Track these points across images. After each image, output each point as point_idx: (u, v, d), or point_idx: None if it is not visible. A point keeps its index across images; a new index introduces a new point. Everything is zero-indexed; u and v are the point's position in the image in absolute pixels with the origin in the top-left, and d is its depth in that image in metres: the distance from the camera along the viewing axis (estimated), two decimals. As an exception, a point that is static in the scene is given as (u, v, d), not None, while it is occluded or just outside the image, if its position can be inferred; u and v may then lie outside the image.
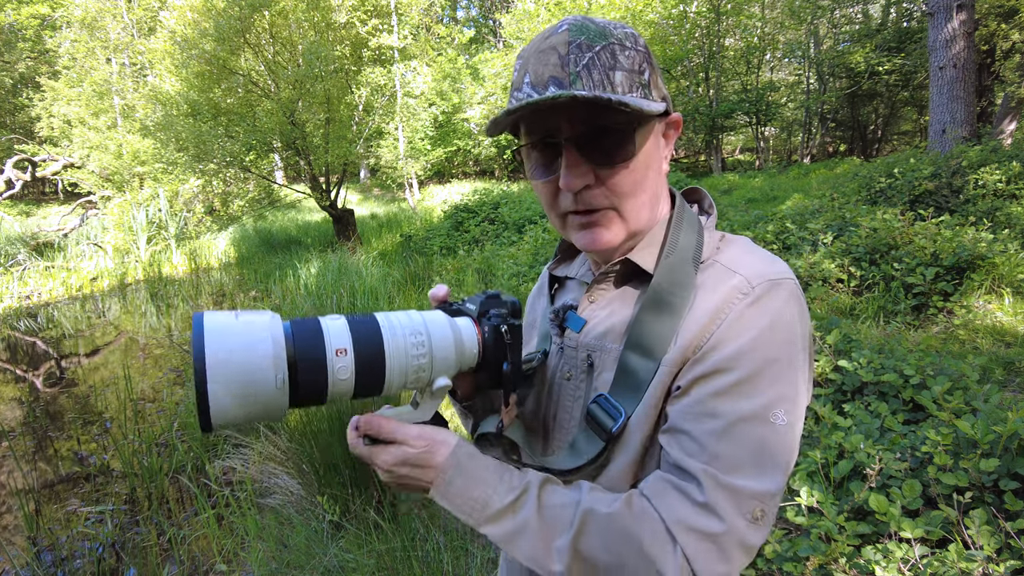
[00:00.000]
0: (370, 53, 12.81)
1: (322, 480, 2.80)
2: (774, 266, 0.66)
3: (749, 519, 0.58)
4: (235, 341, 0.54)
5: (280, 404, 0.56)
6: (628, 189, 0.67)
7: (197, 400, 0.53)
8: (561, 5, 15.36)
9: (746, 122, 18.31)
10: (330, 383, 0.58)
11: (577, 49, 0.64)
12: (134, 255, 11.94)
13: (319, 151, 10.19)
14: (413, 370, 0.63)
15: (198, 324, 0.54)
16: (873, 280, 4.33)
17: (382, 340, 0.61)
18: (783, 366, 0.61)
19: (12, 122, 21.34)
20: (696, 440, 0.60)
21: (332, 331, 0.60)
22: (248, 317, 0.57)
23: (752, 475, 0.58)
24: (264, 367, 0.54)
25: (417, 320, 0.65)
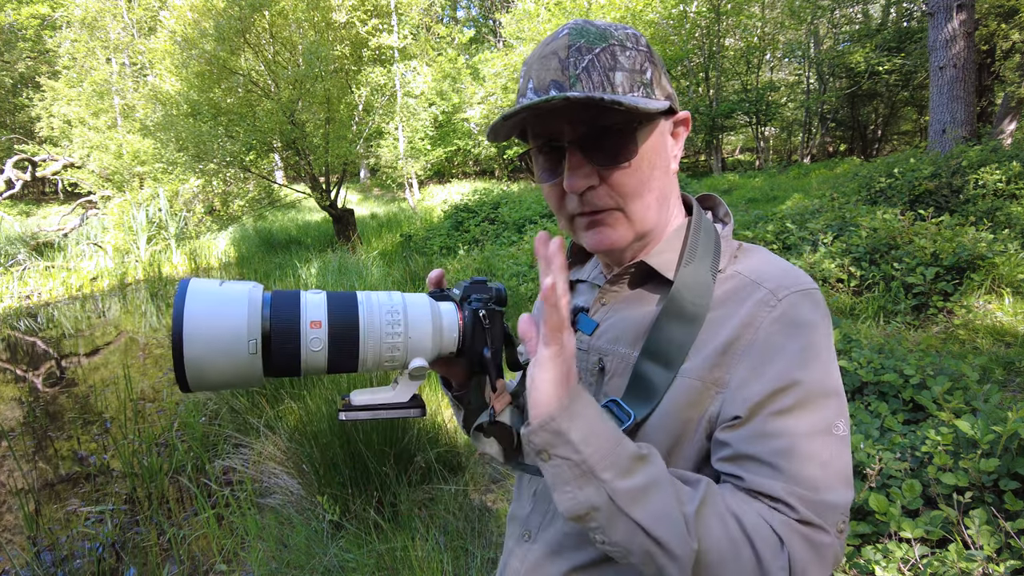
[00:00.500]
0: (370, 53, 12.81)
1: (322, 480, 2.80)
2: (797, 275, 0.66)
3: (836, 532, 0.59)
4: (213, 304, 0.56)
5: (254, 371, 0.57)
6: (632, 189, 0.67)
7: (173, 359, 0.54)
8: (561, 5, 15.36)
9: (746, 122, 18.31)
10: (303, 354, 0.59)
11: (577, 52, 0.65)
12: (134, 255, 11.94)
13: (319, 151, 10.20)
14: (387, 348, 0.63)
15: (182, 287, 0.56)
16: (873, 280, 4.33)
17: (358, 316, 0.62)
18: (832, 375, 0.62)
19: (12, 122, 21.34)
20: (767, 463, 0.58)
21: (310, 304, 0.61)
22: (231, 285, 0.59)
23: (831, 490, 0.59)
24: (237, 331, 0.56)
25: (397, 300, 0.66)
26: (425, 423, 3.20)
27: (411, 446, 2.99)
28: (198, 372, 0.55)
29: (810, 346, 0.61)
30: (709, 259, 0.68)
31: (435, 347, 0.67)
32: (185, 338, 0.54)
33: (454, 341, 0.69)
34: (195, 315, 0.55)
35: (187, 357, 0.54)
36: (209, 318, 0.55)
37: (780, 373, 0.60)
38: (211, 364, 0.55)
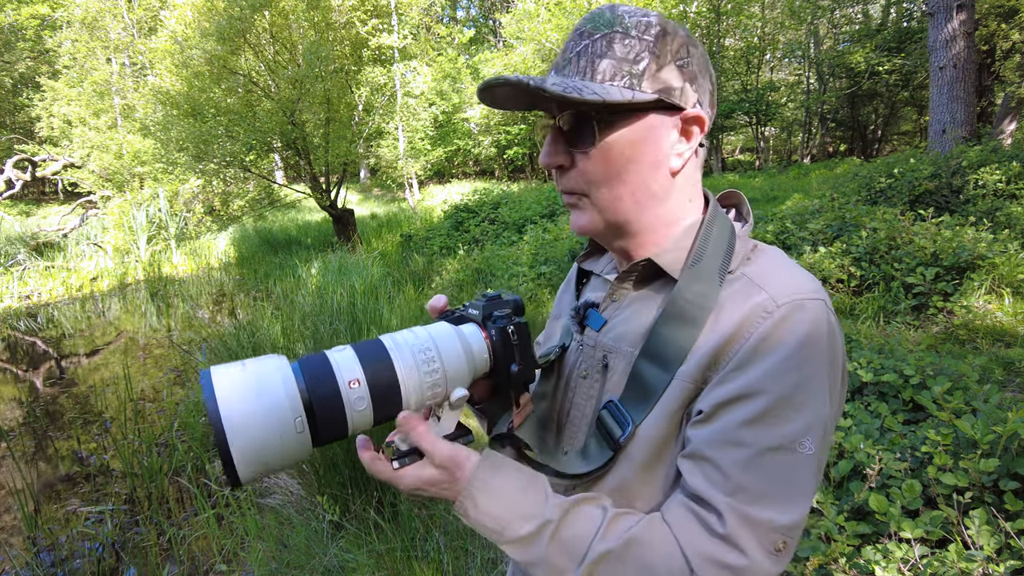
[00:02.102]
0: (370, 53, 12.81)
1: (322, 480, 2.80)
2: (804, 283, 0.63)
3: (771, 551, 0.57)
4: (247, 395, 0.54)
5: (303, 446, 0.56)
6: (596, 177, 0.67)
7: (222, 461, 0.53)
8: (561, 5, 15.35)
9: (746, 122, 18.31)
10: (349, 416, 0.58)
11: (578, 37, 0.67)
12: (134, 255, 11.94)
13: (319, 151, 10.20)
14: (428, 386, 0.63)
15: (207, 383, 0.54)
16: (873, 280, 4.33)
17: (392, 363, 0.61)
18: (810, 392, 0.59)
19: (12, 122, 21.34)
20: (720, 469, 0.59)
21: (342, 364, 0.59)
22: (255, 367, 0.57)
23: (776, 507, 0.57)
24: (281, 415, 0.54)
25: (423, 336, 0.64)
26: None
27: (411, 446, 2.99)
28: (248, 466, 0.54)
29: (794, 357, 0.59)
30: (719, 259, 0.67)
31: (471, 372, 0.67)
32: (229, 439, 0.52)
33: (485, 363, 0.69)
34: (232, 412, 0.53)
35: (236, 456, 0.53)
36: (248, 411, 0.53)
37: (752, 379, 0.59)
38: (261, 454, 0.54)
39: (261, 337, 4.21)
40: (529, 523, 0.62)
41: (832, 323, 0.62)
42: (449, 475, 0.64)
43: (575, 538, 0.61)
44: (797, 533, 0.59)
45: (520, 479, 0.65)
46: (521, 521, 0.62)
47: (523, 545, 0.62)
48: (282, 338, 4.28)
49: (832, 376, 0.61)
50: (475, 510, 0.63)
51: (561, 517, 0.63)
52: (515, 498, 0.64)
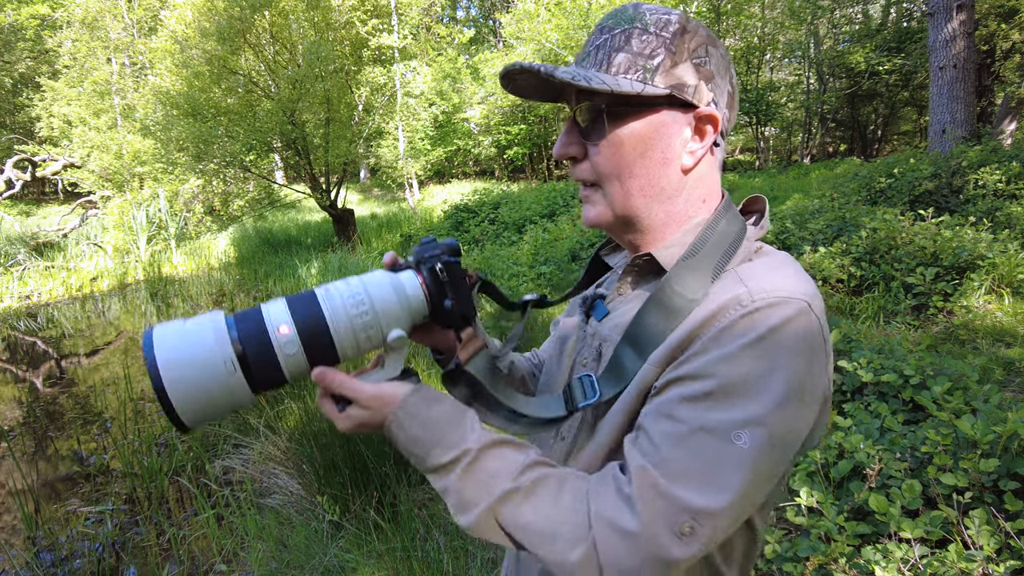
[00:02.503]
0: (370, 53, 12.82)
1: (322, 480, 2.80)
2: (792, 285, 0.60)
3: (675, 531, 0.55)
4: (180, 342, 0.58)
5: (240, 390, 0.59)
6: (606, 169, 0.69)
7: (163, 407, 0.56)
8: (561, 5, 15.35)
9: (746, 122, 18.30)
10: (281, 360, 0.61)
11: (599, 32, 0.69)
12: (134, 255, 11.94)
13: (319, 151, 10.20)
14: (361, 329, 0.65)
15: (147, 337, 0.59)
16: (873, 280, 4.33)
17: (321, 309, 0.63)
18: (761, 387, 0.56)
19: (12, 122, 21.34)
20: (652, 440, 0.59)
21: (272, 312, 0.63)
22: (192, 320, 0.61)
23: (693, 488, 0.55)
24: (211, 357, 0.58)
25: (355, 283, 0.67)
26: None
27: (411, 446, 2.99)
28: (190, 410, 0.57)
29: (749, 347, 0.57)
30: (716, 256, 0.66)
31: (406, 315, 0.69)
32: (166, 383, 0.56)
33: (423, 304, 0.70)
34: (168, 357, 0.57)
35: (174, 400, 0.56)
36: (181, 356, 0.57)
37: (705, 362, 0.58)
38: (198, 398, 0.57)
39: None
40: (449, 452, 0.64)
41: (811, 328, 0.58)
42: (378, 409, 0.67)
43: (489, 474, 0.63)
44: (711, 524, 0.55)
45: (449, 411, 0.67)
46: (442, 449, 0.65)
47: (441, 473, 0.65)
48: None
49: (796, 379, 0.57)
50: (402, 434, 0.66)
51: (480, 450, 0.64)
52: (441, 426, 0.66)
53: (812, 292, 0.61)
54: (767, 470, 0.57)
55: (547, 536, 0.59)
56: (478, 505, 0.62)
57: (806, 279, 0.63)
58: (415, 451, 0.66)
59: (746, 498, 0.56)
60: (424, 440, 0.66)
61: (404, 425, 0.66)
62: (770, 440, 0.56)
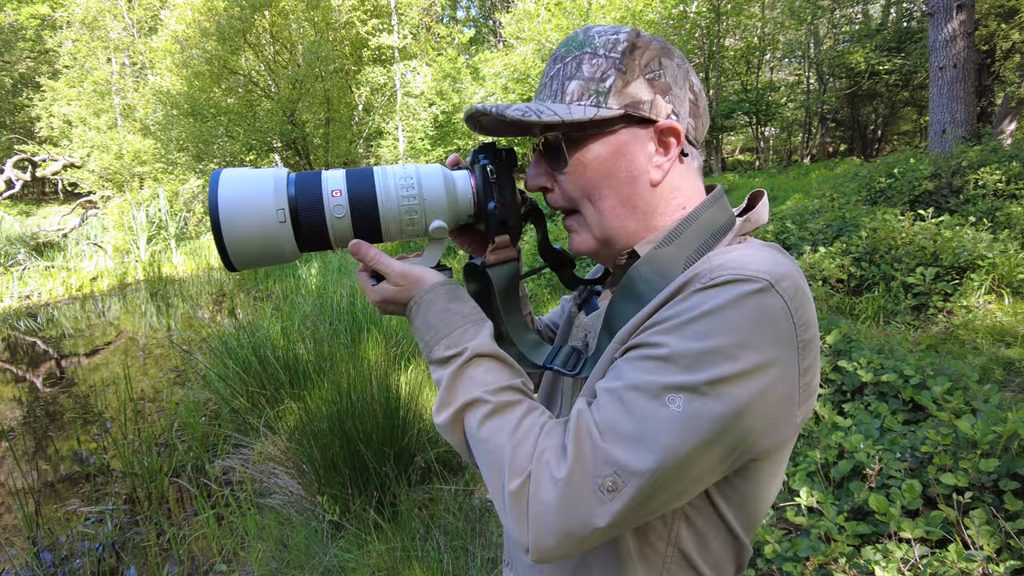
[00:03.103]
0: (370, 53, 12.82)
1: (322, 480, 2.80)
2: (757, 265, 0.58)
3: (597, 482, 0.54)
4: (242, 185, 0.63)
5: (288, 241, 0.64)
6: (576, 194, 0.71)
7: (215, 241, 0.62)
8: (561, 5, 15.35)
9: (746, 122, 18.31)
10: (328, 221, 0.66)
11: (553, 61, 0.71)
12: (134, 255, 11.94)
13: (319, 151, 10.21)
14: (406, 212, 0.69)
15: (214, 177, 0.63)
16: (873, 280, 4.33)
17: (374, 183, 0.68)
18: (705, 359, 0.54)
19: (12, 122, 21.34)
20: (596, 396, 0.60)
21: (330, 177, 0.67)
22: (259, 171, 0.66)
23: (619, 443, 0.55)
24: (265, 204, 0.63)
25: (410, 169, 0.71)
26: (426, 423, 3.20)
27: (411, 446, 2.99)
28: (239, 248, 0.63)
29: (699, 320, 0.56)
30: (694, 245, 0.66)
31: (451, 210, 0.72)
32: (222, 218, 0.61)
33: (469, 203, 0.73)
34: (228, 197, 0.62)
35: (226, 236, 0.62)
36: (240, 198, 0.62)
37: (656, 331, 0.58)
38: (248, 239, 0.63)
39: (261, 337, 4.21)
40: (452, 348, 0.68)
41: (773, 309, 0.56)
42: (405, 287, 0.71)
43: (472, 379, 0.66)
44: (632, 482, 0.54)
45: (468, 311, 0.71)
46: (448, 342, 0.68)
47: (439, 365, 0.68)
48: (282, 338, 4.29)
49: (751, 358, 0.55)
50: (419, 318, 0.70)
51: (475, 355, 0.67)
52: (455, 322, 0.69)
53: (780, 273, 0.58)
54: (701, 439, 0.54)
55: (495, 455, 0.61)
56: (451, 405, 0.66)
57: (780, 262, 0.60)
58: (425, 337, 0.70)
59: (674, 467, 0.54)
60: (437, 328, 0.69)
61: (423, 308, 0.70)
62: (707, 410, 0.54)
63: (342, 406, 2.95)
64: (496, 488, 0.61)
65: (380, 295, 0.73)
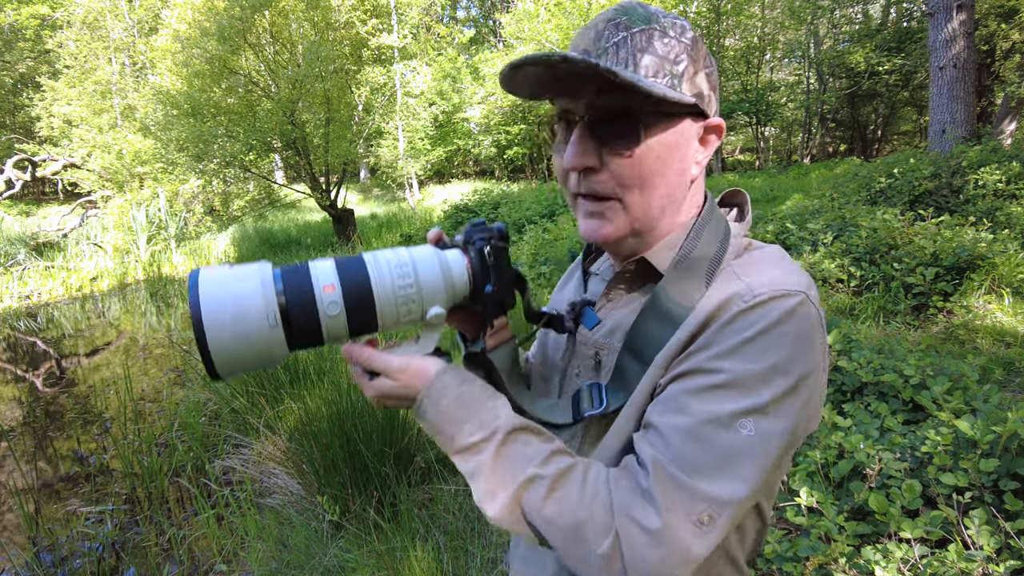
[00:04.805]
0: (370, 53, 12.82)
1: (322, 480, 2.80)
2: (788, 278, 0.62)
3: (694, 521, 0.56)
4: (226, 288, 0.58)
5: (278, 345, 0.59)
6: (631, 180, 0.65)
7: (199, 349, 0.56)
8: (561, 5, 15.35)
9: (746, 122, 18.30)
10: (322, 319, 0.61)
11: (614, 28, 0.63)
12: (134, 255, 11.94)
13: (319, 151, 10.21)
14: (403, 302, 0.64)
15: (193, 278, 0.58)
16: (873, 280, 4.33)
17: (368, 274, 0.63)
18: (764, 377, 0.58)
19: (12, 122, 21.33)
20: (661, 434, 0.59)
21: (319, 271, 0.62)
22: (239, 268, 0.61)
23: (707, 478, 0.57)
24: (255, 307, 0.58)
25: (403, 255, 0.67)
26: (425, 423, 3.19)
27: (411, 446, 2.99)
28: (225, 357, 0.57)
29: (753, 341, 0.58)
30: (708, 258, 0.67)
31: (448, 294, 0.68)
32: (206, 326, 0.55)
33: (465, 285, 0.70)
34: (211, 302, 0.56)
35: (212, 344, 0.56)
36: (225, 302, 0.57)
37: (707, 357, 0.60)
38: (236, 346, 0.57)
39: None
40: (480, 431, 0.64)
41: (811, 320, 0.60)
42: (408, 382, 0.66)
43: (516, 458, 0.62)
44: (727, 512, 0.57)
45: (483, 390, 0.67)
46: (475, 428, 0.64)
47: (471, 452, 0.64)
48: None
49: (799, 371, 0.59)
50: (434, 411, 0.65)
51: (508, 433, 0.64)
52: (473, 405, 0.65)
53: (807, 282, 0.62)
54: (775, 456, 0.58)
55: (572, 528, 0.59)
56: (505, 490, 0.62)
57: (800, 270, 0.64)
58: (444, 429, 0.65)
59: (758, 485, 0.58)
60: (456, 417, 0.65)
61: (437, 400, 0.65)
62: (775, 428, 0.58)
63: (342, 406, 2.95)
64: (579, 557, 0.59)
65: (378, 391, 0.67)
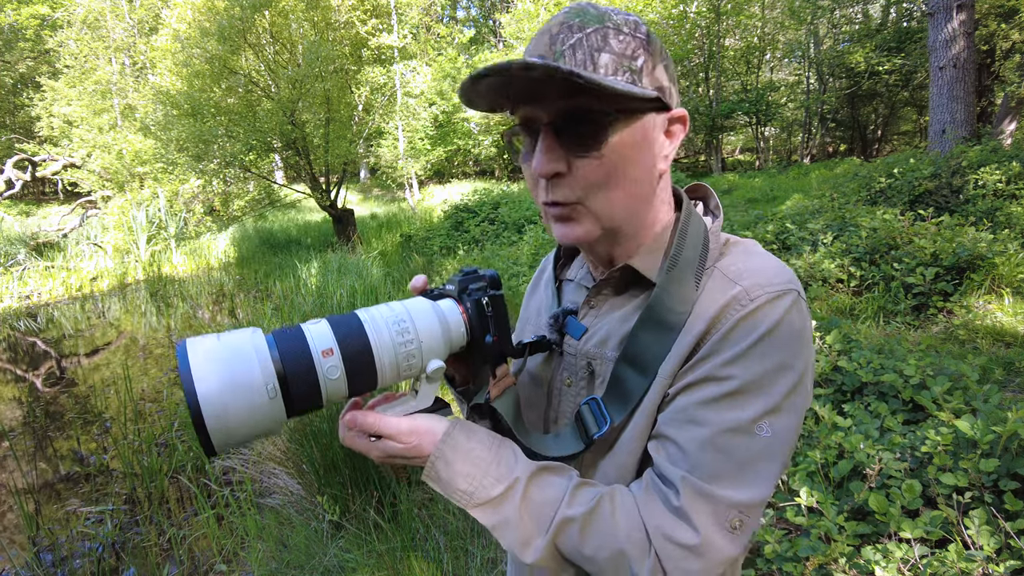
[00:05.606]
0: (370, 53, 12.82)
1: (322, 480, 2.80)
2: (777, 275, 0.63)
3: (727, 528, 0.58)
4: (220, 364, 0.54)
5: (277, 415, 0.56)
6: (596, 181, 0.63)
7: (196, 430, 0.53)
8: (561, 5, 15.36)
9: (746, 122, 18.31)
10: (322, 385, 0.59)
11: (568, 30, 0.62)
12: (134, 255, 11.93)
13: (319, 151, 10.20)
14: (404, 358, 0.63)
15: (182, 353, 0.55)
16: (873, 280, 4.33)
17: (367, 335, 0.62)
18: (773, 377, 0.60)
19: (12, 122, 21.33)
20: (680, 447, 0.61)
21: (315, 334, 0.60)
22: (229, 337, 0.57)
23: (732, 485, 0.59)
24: (253, 382, 0.55)
25: (399, 310, 0.65)
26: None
27: (411, 446, 2.99)
28: (223, 434, 0.54)
29: (758, 344, 0.60)
30: (695, 260, 0.67)
31: (447, 346, 0.68)
32: (202, 404, 0.52)
33: (462, 336, 0.69)
34: (205, 378, 0.53)
35: (209, 423, 0.53)
36: (220, 377, 0.54)
37: (715, 365, 0.61)
38: (234, 423, 0.54)
39: (261, 337, 4.24)
40: (500, 483, 0.63)
41: (803, 313, 0.63)
42: (417, 444, 0.64)
43: (543, 502, 0.63)
44: (755, 513, 0.60)
45: (492, 441, 0.67)
46: (493, 481, 0.63)
47: (494, 506, 0.63)
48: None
49: (798, 364, 0.61)
50: (448, 470, 0.64)
51: (529, 479, 0.64)
52: (487, 458, 0.65)
53: (792, 275, 0.65)
54: (790, 449, 0.62)
55: (612, 559, 0.60)
56: (539, 536, 0.62)
57: (782, 264, 0.66)
58: (461, 486, 0.64)
59: (778, 478, 0.61)
60: (471, 473, 0.64)
61: (450, 460, 0.64)
62: (789, 423, 0.61)
63: (342, 405, 2.95)
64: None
65: (386, 452, 0.65)
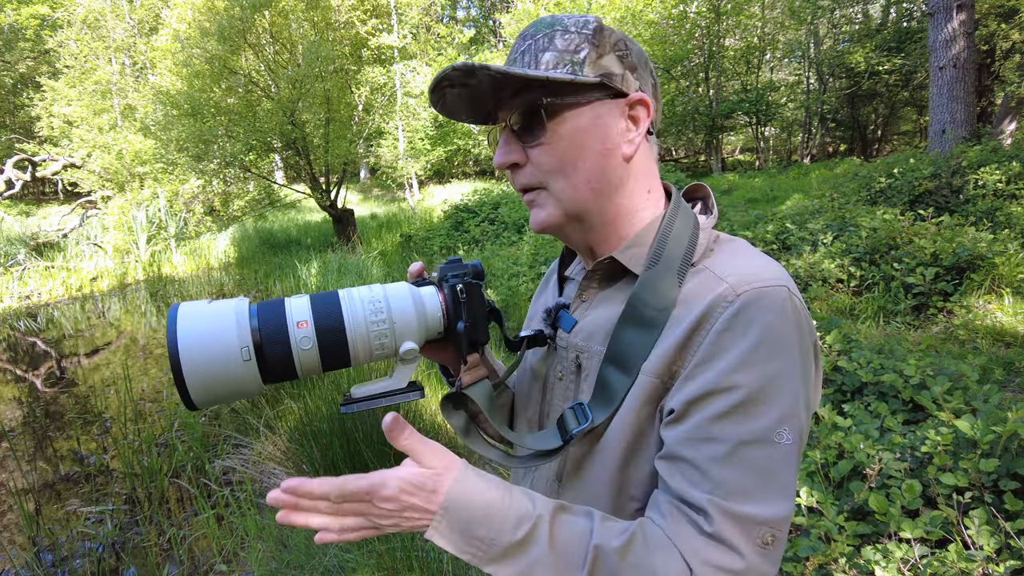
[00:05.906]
0: (370, 53, 12.83)
1: (322, 480, 2.80)
2: (764, 271, 0.62)
3: (760, 545, 0.57)
4: (202, 322, 0.60)
5: (253, 378, 0.60)
6: (550, 167, 0.68)
7: (175, 381, 0.58)
8: (561, 6, 15.36)
9: (746, 122, 18.30)
10: (295, 354, 0.62)
11: (522, 40, 0.70)
12: (134, 255, 11.93)
13: (319, 151, 10.20)
14: (375, 336, 0.65)
15: (172, 313, 0.60)
16: (873, 280, 4.33)
17: (341, 310, 0.65)
18: (782, 381, 0.58)
19: (12, 122, 21.34)
20: (698, 468, 0.58)
21: (294, 307, 0.64)
22: (218, 303, 0.62)
23: (760, 501, 0.57)
24: (228, 342, 0.59)
25: (377, 291, 0.68)
26: (425, 423, 3.20)
27: (411, 446, 2.99)
28: (200, 388, 0.59)
29: (758, 346, 0.58)
30: (679, 256, 0.67)
31: (421, 330, 0.69)
32: (182, 358, 0.57)
33: (439, 322, 0.71)
34: (188, 335, 0.58)
35: (187, 376, 0.58)
36: (201, 336, 0.59)
37: (719, 374, 0.59)
38: (210, 379, 0.59)
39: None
40: (522, 527, 0.57)
41: (797, 307, 0.61)
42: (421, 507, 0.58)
43: (572, 540, 0.58)
44: (784, 526, 0.58)
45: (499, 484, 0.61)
46: (513, 526, 0.57)
47: (519, 552, 0.57)
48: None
49: (803, 361, 0.60)
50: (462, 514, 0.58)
51: (554, 515, 0.59)
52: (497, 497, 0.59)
53: (782, 271, 0.64)
54: (803, 446, 0.61)
55: None
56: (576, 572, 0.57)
57: (771, 260, 0.66)
58: (479, 533, 0.57)
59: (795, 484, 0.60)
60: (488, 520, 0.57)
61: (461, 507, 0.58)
62: (800, 420, 0.60)
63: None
64: None
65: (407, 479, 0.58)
